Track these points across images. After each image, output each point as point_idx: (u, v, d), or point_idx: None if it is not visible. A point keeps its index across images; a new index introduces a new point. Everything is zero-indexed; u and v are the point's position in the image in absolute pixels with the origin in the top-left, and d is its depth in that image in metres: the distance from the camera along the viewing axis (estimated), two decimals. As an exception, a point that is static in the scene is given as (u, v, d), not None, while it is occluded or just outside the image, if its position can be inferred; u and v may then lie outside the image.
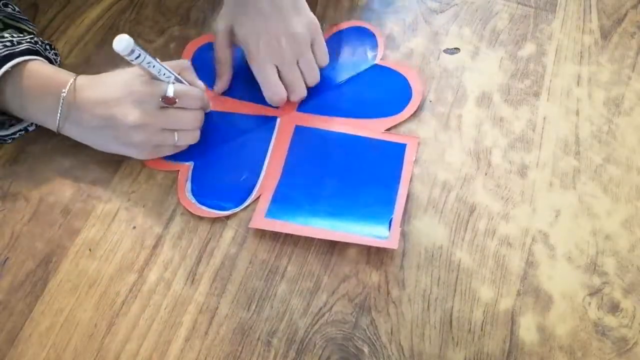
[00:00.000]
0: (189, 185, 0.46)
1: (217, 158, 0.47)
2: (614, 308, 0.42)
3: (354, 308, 0.42)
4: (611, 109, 0.52)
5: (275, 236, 0.44)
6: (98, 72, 0.52)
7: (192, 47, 0.54)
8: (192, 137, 0.46)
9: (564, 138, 0.50)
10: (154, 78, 0.42)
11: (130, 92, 0.42)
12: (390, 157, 0.48)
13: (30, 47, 0.44)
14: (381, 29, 0.56)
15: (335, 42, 0.54)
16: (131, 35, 0.56)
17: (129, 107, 0.42)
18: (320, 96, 0.51)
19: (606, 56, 0.55)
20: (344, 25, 0.56)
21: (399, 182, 0.46)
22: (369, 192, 0.46)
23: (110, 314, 0.41)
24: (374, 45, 0.55)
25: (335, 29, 0.56)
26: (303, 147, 0.48)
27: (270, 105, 0.50)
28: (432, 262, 0.44)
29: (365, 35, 0.56)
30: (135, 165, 0.47)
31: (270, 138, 0.49)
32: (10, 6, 0.47)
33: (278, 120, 0.50)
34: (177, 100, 0.42)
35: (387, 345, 0.40)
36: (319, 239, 0.44)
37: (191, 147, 0.47)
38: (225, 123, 0.49)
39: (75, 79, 0.43)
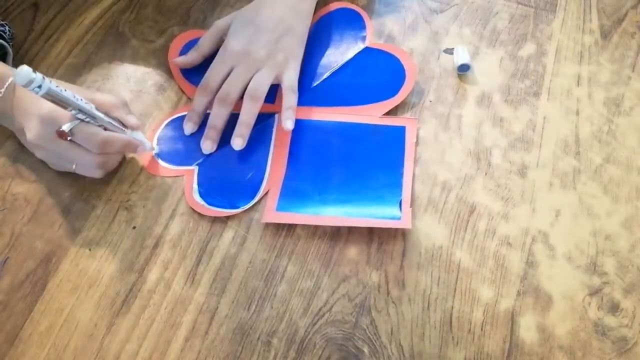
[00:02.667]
0: (196, 188, 0.46)
1: (221, 159, 0.47)
2: (614, 308, 0.42)
3: (354, 308, 0.42)
4: (611, 109, 0.52)
5: (275, 236, 0.44)
6: (99, 72, 0.52)
7: (179, 42, 0.54)
8: (92, 173, 0.44)
9: (564, 138, 0.50)
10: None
11: (40, 111, 0.41)
12: (391, 140, 0.49)
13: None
14: (381, 28, 0.56)
15: (324, 26, 0.54)
16: (131, 34, 0.56)
17: (33, 124, 0.41)
18: (315, 87, 0.52)
19: (606, 56, 0.55)
20: (330, 7, 0.57)
21: (403, 164, 0.47)
22: (376, 176, 0.46)
23: (110, 314, 0.41)
24: (362, 27, 0.55)
25: (322, 12, 0.56)
26: (304, 140, 0.49)
27: (265, 102, 0.50)
28: (432, 262, 0.44)
29: (352, 17, 0.56)
30: (136, 165, 0.47)
31: (271, 134, 0.49)
32: None
33: (276, 116, 0.50)
34: (69, 137, 0.40)
35: (387, 345, 0.40)
36: (319, 238, 0.44)
37: (194, 151, 0.47)
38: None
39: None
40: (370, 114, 0.50)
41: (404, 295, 0.42)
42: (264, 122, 0.50)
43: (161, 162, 0.47)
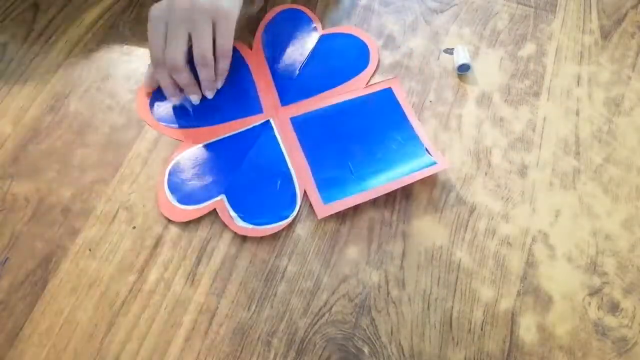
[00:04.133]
0: (235, 216, 0.44)
1: (242, 181, 0.46)
2: (614, 308, 0.42)
3: (354, 308, 0.42)
4: (611, 109, 0.52)
5: (275, 236, 0.44)
6: (99, 72, 0.52)
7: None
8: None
9: (564, 138, 0.50)
10: None
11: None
12: (385, 103, 0.51)
13: None
14: (381, 29, 0.56)
15: (274, 31, 0.55)
16: (131, 34, 0.56)
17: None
18: (293, 84, 0.52)
19: (606, 56, 0.55)
20: (271, 14, 0.57)
21: (408, 120, 0.49)
22: (391, 138, 0.48)
23: (110, 314, 0.41)
24: (308, 20, 0.57)
25: (265, 20, 0.57)
26: (310, 133, 0.49)
27: (254, 113, 0.50)
28: (432, 262, 0.44)
29: (295, 16, 0.57)
30: (136, 165, 0.47)
31: (276, 139, 0.49)
32: None
33: (271, 121, 0.50)
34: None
35: (387, 345, 0.40)
36: (319, 238, 0.44)
37: (213, 181, 0.46)
38: (228, 148, 0.48)
39: None
40: (356, 88, 0.52)
41: (404, 295, 0.42)
42: (263, 131, 0.49)
43: (183, 207, 0.45)
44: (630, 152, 0.49)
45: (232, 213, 0.45)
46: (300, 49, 0.54)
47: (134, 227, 0.44)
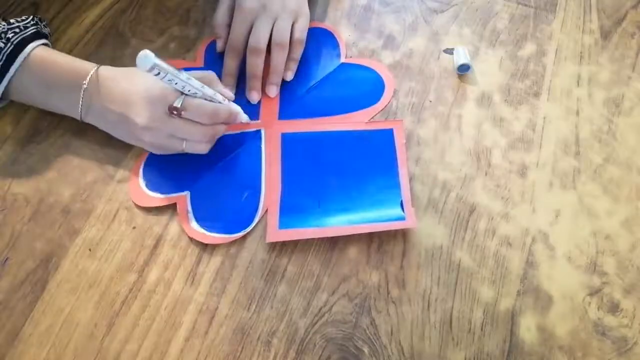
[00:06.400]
0: (191, 215, 0.44)
1: (212, 183, 0.46)
2: (614, 308, 0.42)
3: (354, 308, 0.42)
4: (611, 109, 0.52)
5: (275, 236, 0.44)
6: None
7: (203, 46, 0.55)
8: (200, 148, 0.45)
9: (564, 138, 0.50)
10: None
11: (146, 94, 0.42)
12: (381, 144, 0.49)
13: (38, 29, 0.45)
14: (381, 29, 0.56)
15: None
16: (131, 34, 0.56)
17: (140, 108, 0.42)
18: (297, 101, 0.51)
19: (606, 56, 0.55)
20: None
21: (397, 166, 0.47)
22: (373, 180, 0.47)
23: (110, 314, 0.41)
24: (335, 45, 0.55)
25: None
26: (295, 153, 0.48)
27: (250, 119, 0.49)
28: (432, 262, 0.44)
29: (324, 36, 0.56)
30: (135, 166, 0.47)
31: (260, 151, 0.48)
32: None
33: (262, 132, 0.49)
34: (183, 112, 0.42)
35: (387, 345, 0.40)
36: (319, 238, 0.44)
37: (185, 176, 0.46)
38: (212, 146, 0.48)
39: (97, 70, 0.44)
40: (357, 121, 0.50)
41: (404, 295, 0.42)
42: (251, 139, 0.49)
43: (149, 192, 0.45)
44: (630, 152, 0.49)
45: (190, 212, 0.45)
46: (317, 69, 0.54)
47: (134, 227, 0.44)
